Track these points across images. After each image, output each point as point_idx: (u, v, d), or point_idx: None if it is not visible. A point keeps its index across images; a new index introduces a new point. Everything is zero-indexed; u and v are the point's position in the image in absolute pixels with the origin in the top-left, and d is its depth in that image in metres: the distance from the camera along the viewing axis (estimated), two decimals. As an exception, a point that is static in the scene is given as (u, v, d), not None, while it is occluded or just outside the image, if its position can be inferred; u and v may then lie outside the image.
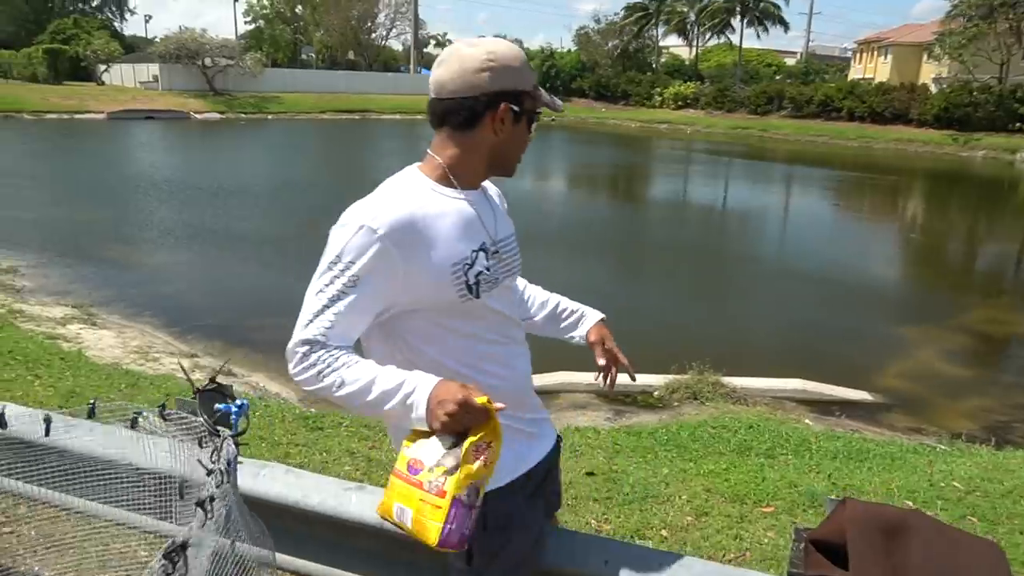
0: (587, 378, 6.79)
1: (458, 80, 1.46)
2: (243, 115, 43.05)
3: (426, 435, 1.36)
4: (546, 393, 6.65)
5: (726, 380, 6.59)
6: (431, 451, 1.34)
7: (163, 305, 8.44)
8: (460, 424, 1.31)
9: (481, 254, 1.52)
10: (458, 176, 1.53)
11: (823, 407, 6.51)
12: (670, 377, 6.69)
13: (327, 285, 1.40)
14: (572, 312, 1.96)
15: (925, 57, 46.49)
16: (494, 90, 1.46)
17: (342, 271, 1.40)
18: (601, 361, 1.91)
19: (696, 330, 8.59)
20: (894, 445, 4.79)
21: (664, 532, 3.31)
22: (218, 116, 42.18)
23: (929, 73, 46.30)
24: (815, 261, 12.93)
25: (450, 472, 1.30)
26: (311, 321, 1.40)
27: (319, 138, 36.24)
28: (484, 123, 1.48)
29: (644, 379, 6.79)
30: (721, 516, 3.51)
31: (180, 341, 7.13)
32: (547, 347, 2.16)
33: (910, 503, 3.71)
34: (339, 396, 1.40)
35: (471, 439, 1.31)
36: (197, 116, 41.27)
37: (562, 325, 1.96)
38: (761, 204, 21.00)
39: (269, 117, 43.59)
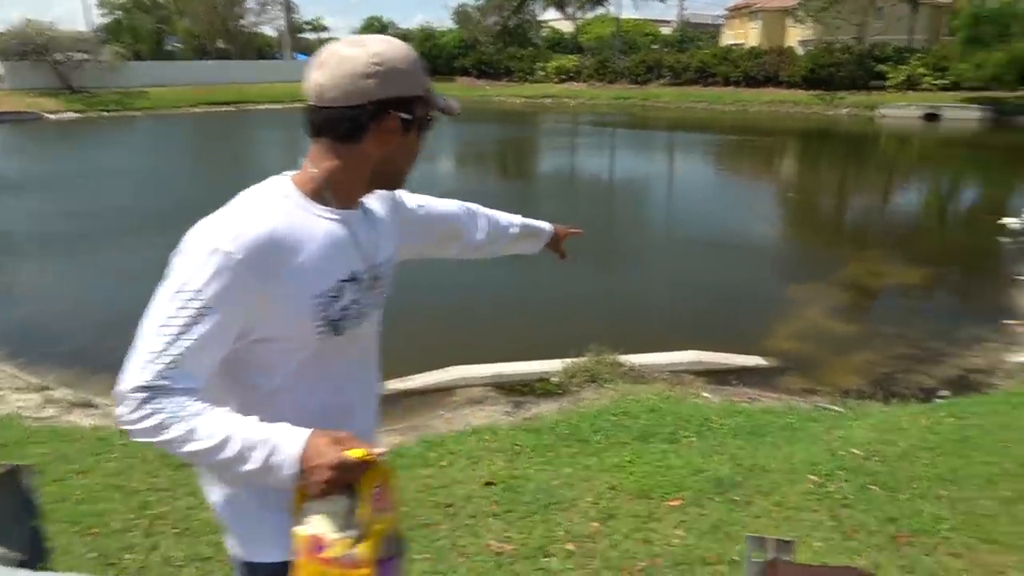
0: (483, 371, 6.55)
1: (339, 87, 1.25)
2: (105, 113, 40.14)
3: (310, 499, 1.19)
4: (441, 390, 6.38)
5: (624, 359, 6.48)
6: (326, 521, 1.18)
7: (5, 331, 7.59)
8: (340, 486, 1.16)
9: (350, 285, 1.31)
10: (335, 193, 1.32)
11: (720, 377, 6.50)
12: (568, 361, 6.52)
13: (170, 318, 1.18)
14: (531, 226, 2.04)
15: (791, 21, 48.45)
16: (380, 98, 1.26)
17: (188, 301, 1.18)
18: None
19: (592, 308, 8.47)
20: (792, 415, 4.76)
21: (570, 545, 3.08)
22: (75, 116, 39.12)
23: (795, 36, 48.33)
24: (702, 227, 13.12)
25: (359, 539, 1.17)
26: (151, 361, 1.16)
27: (192, 133, 34.26)
28: (369, 134, 1.28)
29: (541, 365, 6.61)
30: (628, 517, 3.32)
31: (29, 372, 6.39)
32: (439, 342, 2.02)
33: (813, 477, 3.64)
34: (185, 452, 1.15)
35: (363, 495, 1.18)
36: (51, 117, 38.16)
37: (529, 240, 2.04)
38: (647, 172, 21.29)
39: (137, 114, 40.82)
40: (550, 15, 66.80)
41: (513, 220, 1.93)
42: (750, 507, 3.37)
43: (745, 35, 55.25)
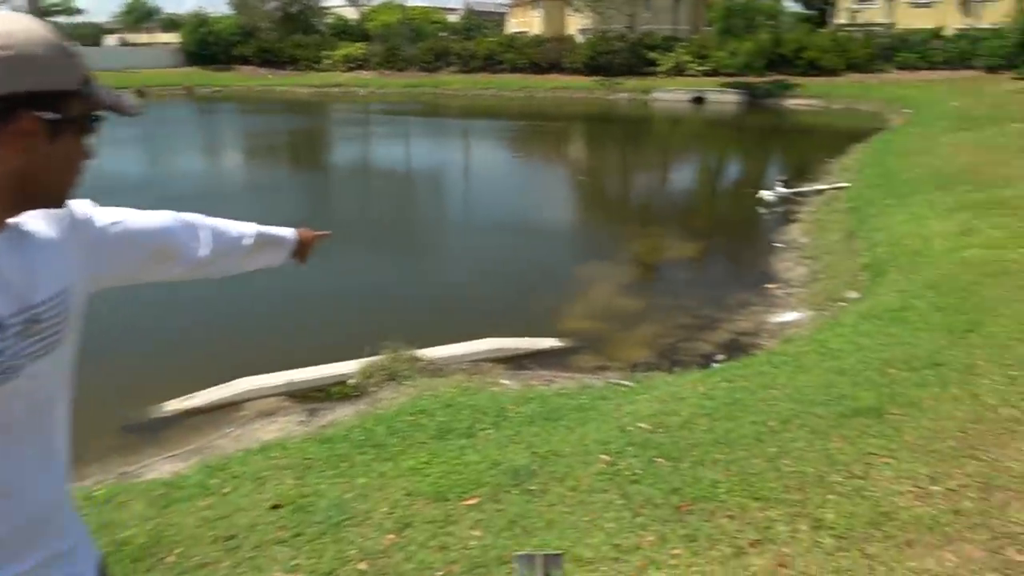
0: (273, 380, 6.14)
1: None
2: None
3: None
4: (228, 406, 5.91)
5: (422, 353, 6.36)
6: None
7: None
8: None
9: None
10: None
11: (517, 362, 6.57)
12: (365, 361, 6.28)
13: None
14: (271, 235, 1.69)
15: (570, 10, 50.60)
16: (8, 92, 0.96)
17: None
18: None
19: (387, 303, 8.27)
20: (584, 395, 4.88)
21: (363, 565, 2.90)
22: None
23: (575, 25, 50.56)
24: (497, 214, 13.32)
25: None
26: None
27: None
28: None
29: (336, 368, 6.32)
30: (424, 524, 3.18)
31: None
32: (223, 351, 1.70)
33: (605, 456, 3.72)
34: None
35: None
36: None
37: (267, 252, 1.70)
38: (442, 160, 21.30)
39: None
40: (334, 1, 64.90)
41: (245, 230, 1.60)
42: (546, 496, 3.37)
43: (529, 23, 56.96)
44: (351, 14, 63.88)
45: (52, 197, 1.09)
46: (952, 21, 39.02)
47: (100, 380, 5.57)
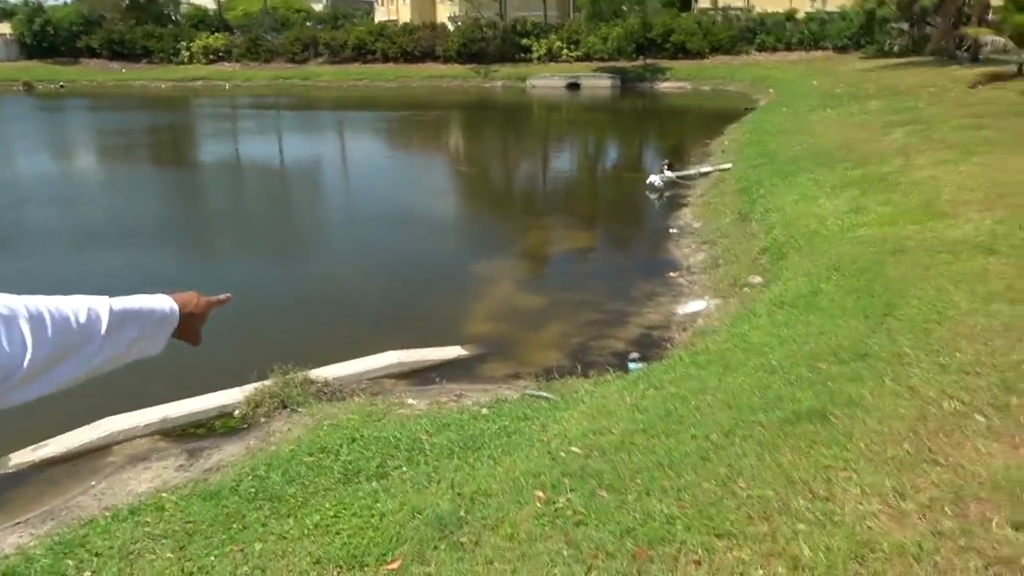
0: (144, 417, 5.35)
1: None
2: None
3: None
4: (89, 452, 5.10)
5: (315, 374, 5.74)
6: None
7: None
8: None
9: None
10: None
11: (422, 376, 6.07)
12: (251, 387, 5.60)
13: None
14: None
15: (438, -3, 49.85)
16: None
17: None
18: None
19: (271, 319, 7.48)
20: (504, 416, 4.44)
21: (266, 674, 2.35)
22: None
23: (445, 12, 49.84)
24: (381, 213, 12.63)
25: None
26: None
27: None
28: None
29: (218, 398, 5.60)
30: (340, 604, 2.66)
31: None
32: (81, 386, 1.04)
33: (540, 492, 3.30)
34: None
35: None
36: None
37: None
38: (318, 155, 20.27)
39: None
40: (188, -11, 61.18)
41: (96, 306, 1.01)
42: (480, 550, 2.91)
43: (397, 11, 55.72)
44: (208, 3, 60.39)
45: None
46: (802, 5, 41.12)
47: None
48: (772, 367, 4.39)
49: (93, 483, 4.78)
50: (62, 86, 44.37)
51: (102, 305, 1.01)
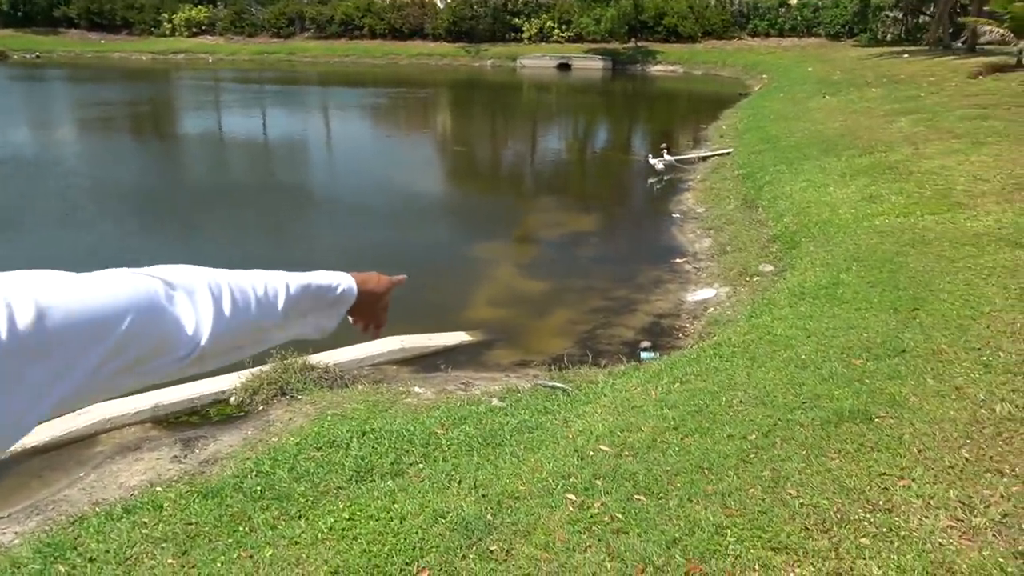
0: (135, 404, 5.07)
1: None
2: None
3: None
4: (77, 441, 4.82)
5: (315, 359, 5.47)
6: None
7: None
8: None
9: None
10: None
11: (426, 363, 5.83)
12: (247, 373, 5.33)
13: None
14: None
15: (428, -27, 48.97)
16: None
17: None
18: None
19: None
20: (524, 410, 4.21)
21: None
22: None
23: (433, -11, 49.02)
24: (377, 192, 12.31)
25: None
26: None
27: None
28: None
29: (213, 383, 5.32)
30: (365, 621, 2.43)
31: None
32: None
33: (571, 495, 3.08)
34: None
35: None
36: None
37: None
38: (308, 133, 19.81)
39: None
40: (171, -41, 59.70)
41: (275, 283, 0.96)
42: (512, 560, 2.69)
43: (386, -13, 54.79)
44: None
45: None
46: (796, -10, 40.82)
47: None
48: (803, 362, 4.19)
49: (81, 474, 4.51)
50: (38, 56, 43.17)
51: (280, 281, 0.97)
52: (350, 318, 1.14)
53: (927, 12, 31.83)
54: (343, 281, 1.09)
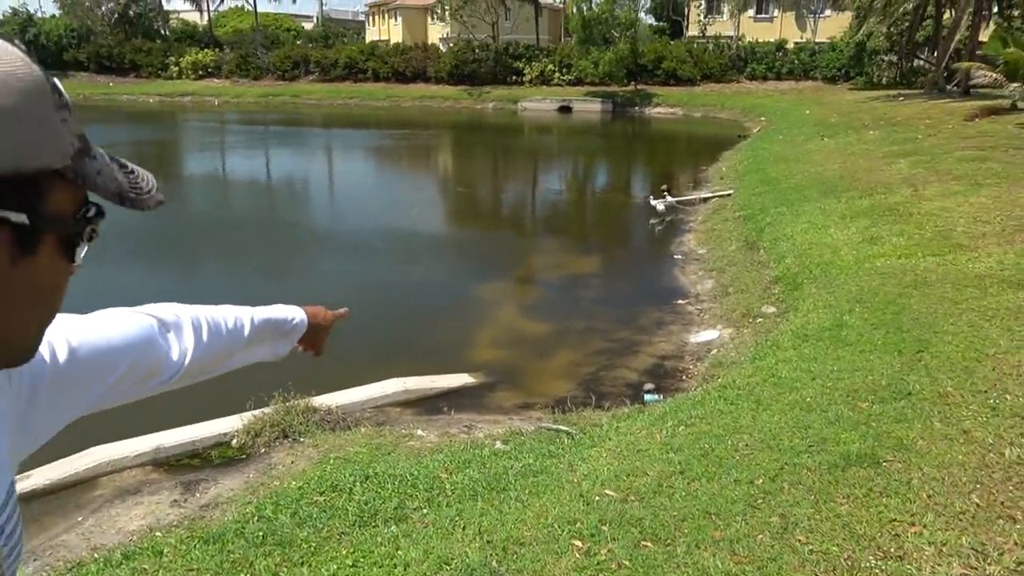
0: (136, 446, 5.04)
1: None
2: None
3: None
4: (78, 484, 4.78)
5: (318, 401, 5.45)
6: None
7: None
8: None
9: None
10: None
11: (429, 405, 5.80)
12: (249, 415, 5.30)
13: None
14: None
15: (431, 18, 49.94)
16: None
17: None
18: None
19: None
20: (528, 454, 4.17)
21: None
22: None
23: (436, 33, 49.95)
24: (380, 233, 12.37)
25: None
26: None
27: None
28: None
29: (215, 426, 5.30)
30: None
31: None
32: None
33: (578, 542, 3.04)
34: None
35: None
36: None
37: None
38: (311, 173, 20.00)
39: None
40: (178, 4, 61.04)
41: (242, 316, 1.17)
42: (520, 609, 2.65)
43: (388, 31, 55.82)
44: (198, 18, 60.21)
45: (13, 349, 0.67)
46: (791, 35, 41.54)
47: None
48: (808, 404, 4.17)
49: (80, 519, 4.46)
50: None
51: (246, 315, 1.17)
52: (298, 345, 1.31)
53: (921, 56, 32.37)
54: (296, 315, 1.26)
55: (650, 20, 48.17)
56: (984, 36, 23.98)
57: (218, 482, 4.72)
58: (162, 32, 56.39)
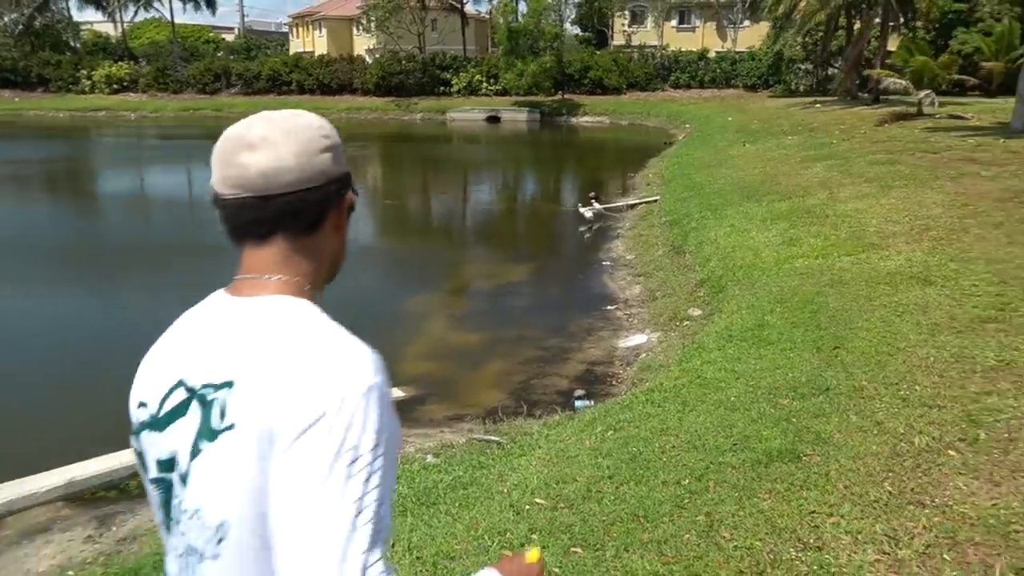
0: (46, 481, 4.79)
1: (298, 166, 0.98)
2: None
3: None
4: (-17, 522, 4.50)
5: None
6: None
7: None
8: None
9: None
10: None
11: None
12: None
13: (366, 482, 0.84)
14: None
15: (356, 30, 49.49)
16: (338, 175, 1.04)
17: (376, 453, 0.86)
18: None
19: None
20: (458, 465, 4.14)
21: None
22: None
23: (362, 45, 49.50)
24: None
25: None
26: (372, 542, 0.82)
27: None
28: (328, 221, 1.05)
29: (131, 455, 5.05)
30: None
31: None
32: None
33: (508, 552, 3.01)
34: None
35: None
36: None
37: None
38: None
39: None
40: (89, 15, 58.72)
41: None
42: (449, 624, 2.61)
43: (312, 43, 55.05)
44: (111, 30, 58.12)
45: (337, 268, 1.13)
46: (713, 44, 42.80)
47: None
48: (732, 404, 4.26)
49: (-18, 562, 4.21)
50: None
51: None
52: None
53: (836, 65, 33.74)
54: None
55: (576, 30, 48.90)
56: (893, 46, 25.17)
57: (136, 513, 4.53)
58: (72, 44, 54.18)
